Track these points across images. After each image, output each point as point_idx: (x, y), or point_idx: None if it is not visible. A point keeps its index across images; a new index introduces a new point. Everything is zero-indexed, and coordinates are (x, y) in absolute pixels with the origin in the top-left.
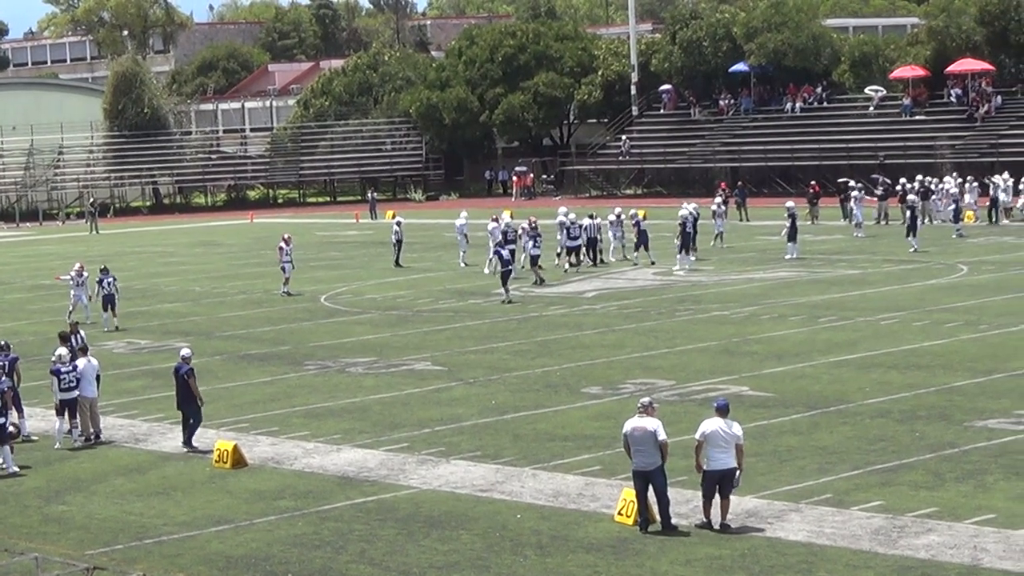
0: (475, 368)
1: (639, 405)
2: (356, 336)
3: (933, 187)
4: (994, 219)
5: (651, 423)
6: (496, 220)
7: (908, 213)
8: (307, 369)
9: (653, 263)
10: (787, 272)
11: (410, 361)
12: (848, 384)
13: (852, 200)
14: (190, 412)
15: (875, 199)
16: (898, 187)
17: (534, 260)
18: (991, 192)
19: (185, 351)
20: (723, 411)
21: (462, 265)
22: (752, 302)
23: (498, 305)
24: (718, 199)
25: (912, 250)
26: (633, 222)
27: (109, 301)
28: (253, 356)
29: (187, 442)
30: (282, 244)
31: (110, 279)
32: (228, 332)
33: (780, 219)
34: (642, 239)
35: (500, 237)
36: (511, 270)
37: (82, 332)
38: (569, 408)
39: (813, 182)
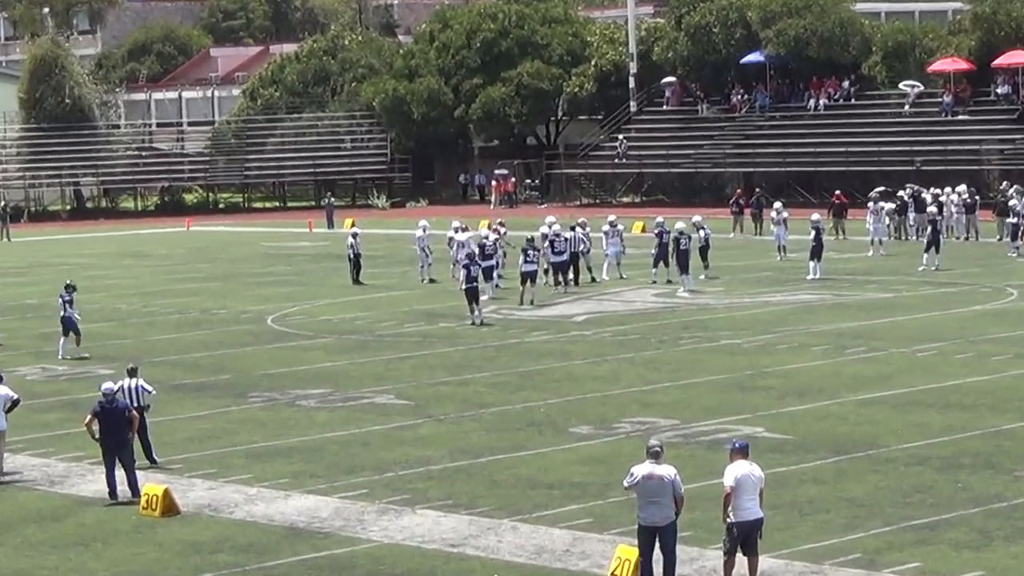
0: (446, 403)
1: (652, 448)
2: (308, 364)
3: (979, 199)
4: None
5: (668, 471)
6: (464, 229)
7: (929, 228)
8: (251, 402)
9: (654, 282)
10: (809, 295)
11: (370, 394)
12: (879, 426)
13: (873, 212)
14: (129, 452)
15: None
16: (944, 196)
17: (488, 273)
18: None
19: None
20: (745, 452)
21: (426, 281)
22: (768, 329)
23: (472, 329)
24: (777, 205)
25: (921, 268)
26: (656, 231)
27: (69, 326)
28: (188, 386)
29: (134, 488)
30: None
31: (68, 297)
32: (159, 358)
33: (803, 233)
34: (662, 252)
35: (472, 249)
36: (476, 287)
37: None
38: (555, 450)
39: (838, 191)
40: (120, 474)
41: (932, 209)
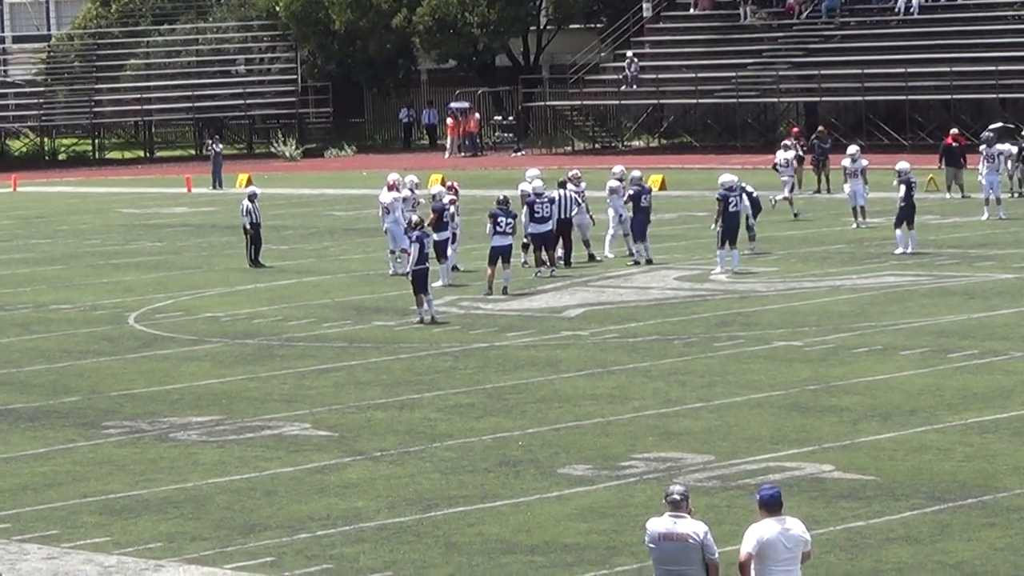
0: (383, 434)
1: (671, 496)
2: (188, 380)
3: None
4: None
5: (694, 528)
6: (394, 187)
7: None
8: (107, 434)
9: (649, 261)
10: (897, 276)
11: (276, 422)
12: (997, 461)
13: (987, 159)
14: None
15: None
16: None
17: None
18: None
19: None
20: (774, 506)
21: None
22: (840, 326)
23: (421, 330)
24: (785, 155)
25: None
26: (630, 191)
27: None
28: (18, 413)
29: None
30: None
31: None
32: None
33: (889, 190)
34: (639, 220)
35: (399, 214)
36: (426, 270)
37: None
38: (538, 500)
39: (955, 130)
40: None
41: None
